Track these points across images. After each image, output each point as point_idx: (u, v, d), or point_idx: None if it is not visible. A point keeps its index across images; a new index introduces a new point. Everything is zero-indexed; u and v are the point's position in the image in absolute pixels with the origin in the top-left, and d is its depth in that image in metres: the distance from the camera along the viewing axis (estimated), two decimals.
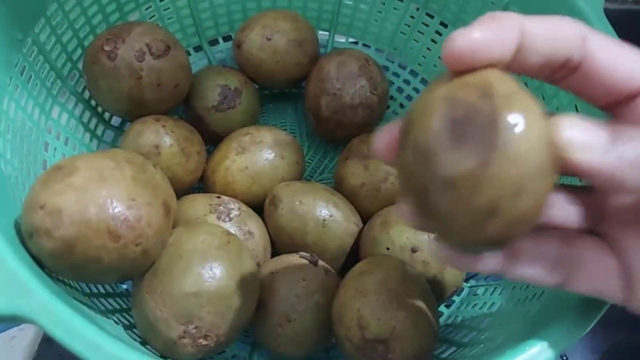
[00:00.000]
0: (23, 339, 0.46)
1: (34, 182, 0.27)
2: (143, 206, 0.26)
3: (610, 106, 0.20)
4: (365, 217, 0.40)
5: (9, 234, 0.26)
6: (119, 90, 0.37)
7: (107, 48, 0.37)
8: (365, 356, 0.29)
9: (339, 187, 0.41)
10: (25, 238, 0.26)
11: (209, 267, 0.29)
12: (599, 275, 0.21)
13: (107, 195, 0.25)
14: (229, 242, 0.31)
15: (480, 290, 0.39)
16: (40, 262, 0.26)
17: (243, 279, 0.30)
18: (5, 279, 0.23)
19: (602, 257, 0.21)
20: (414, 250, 0.34)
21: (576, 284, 0.21)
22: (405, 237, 0.35)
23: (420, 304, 0.30)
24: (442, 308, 0.40)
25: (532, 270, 0.21)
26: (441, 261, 0.34)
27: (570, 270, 0.21)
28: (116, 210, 0.25)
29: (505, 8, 0.40)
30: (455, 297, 0.40)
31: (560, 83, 0.20)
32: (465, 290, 0.40)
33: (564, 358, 0.46)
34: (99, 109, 0.42)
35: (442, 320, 0.39)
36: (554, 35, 0.18)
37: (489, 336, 0.32)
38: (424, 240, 0.35)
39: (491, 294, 0.38)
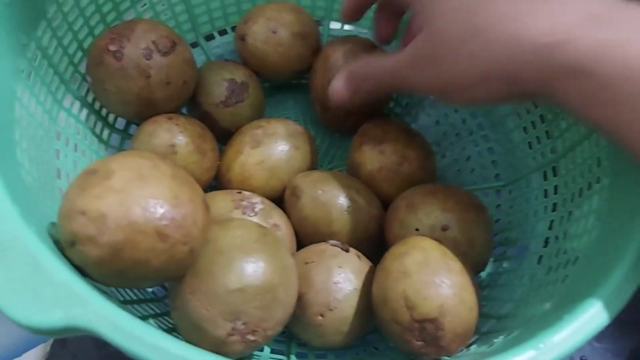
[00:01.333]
0: None
1: (68, 188, 0.26)
2: (187, 204, 0.26)
3: None
4: (384, 201, 0.40)
5: (47, 244, 0.25)
6: (127, 92, 0.36)
7: (112, 48, 0.36)
8: (415, 336, 0.29)
9: (355, 173, 0.41)
10: (66, 247, 0.25)
11: (251, 261, 0.29)
12: None
13: (150, 196, 0.25)
14: (265, 234, 0.30)
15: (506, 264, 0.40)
16: (81, 270, 0.25)
17: (284, 271, 0.30)
18: (57, 290, 0.22)
19: None
20: (444, 229, 0.35)
21: None
22: (434, 216, 0.35)
23: (463, 279, 0.30)
24: None
25: None
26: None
27: None
28: (162, 209, 0.24)
29: None
30: (482, 274, 0.41)
31: None
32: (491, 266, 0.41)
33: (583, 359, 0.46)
34: (103, 112, 0.41)
35: None
36: None
37: (524, 311, 0.32)
38: (453, 218, 0.35)
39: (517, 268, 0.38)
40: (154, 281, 0.27)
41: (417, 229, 0.35)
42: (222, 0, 0.47)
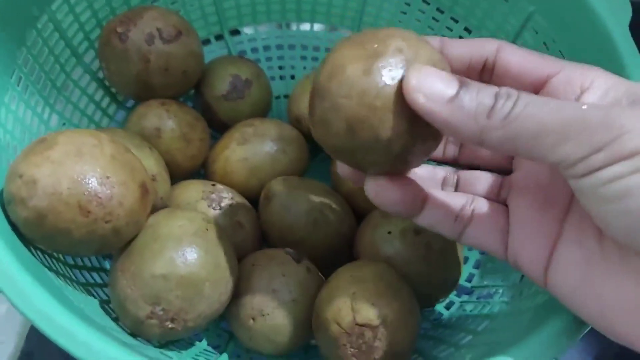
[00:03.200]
0: None
1: (20, 152, 0.28)
2: (116, 185, 0.27)
3: None
4: (362, 217, 0.39)
5: None
6: (127, 73, 0.38)
7: (119, 30, 0.38)
8: (350, 341, 0.29)
9: (336, 187, 0.41)
10: (5, 205, 0.27)
11: (182, 252, 0.29)
12: (486, 231, 0.25)
13: (80, 171, 0.26)
14: (207, 229, 0.31)
15: (468, 307, 0.38)
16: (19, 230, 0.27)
17: (216, 268, 0.30)
18: None
19: (495, 217, 0.25)
20: (417, 233, 0.34)
21: (467, 237, 0.26)
22: (408, 221, 0.34)
23: (410, 303, 0.31)
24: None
25: (437, 218, 0.26)
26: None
27: (467, 225, 0.25)
28: (88, 186, 0.26)
29: (530, 17, 0.38)
30: (455, 298, 0.39)
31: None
32: (457, 305, 0.39)
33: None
34: (113, 89, 0.43)
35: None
36: (470, 43, 0.24)
37: (485, 339, 0.31)
38: None
39: (481, 309, 0.36)
40: (81, 251, 0.28)
41: (389, 232, 0.35)
42: None
